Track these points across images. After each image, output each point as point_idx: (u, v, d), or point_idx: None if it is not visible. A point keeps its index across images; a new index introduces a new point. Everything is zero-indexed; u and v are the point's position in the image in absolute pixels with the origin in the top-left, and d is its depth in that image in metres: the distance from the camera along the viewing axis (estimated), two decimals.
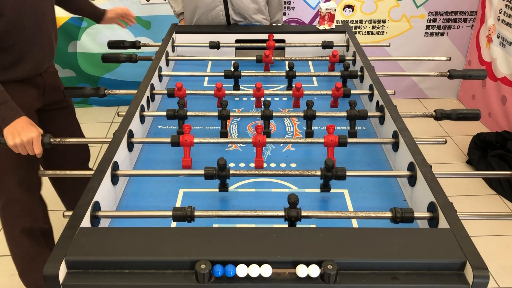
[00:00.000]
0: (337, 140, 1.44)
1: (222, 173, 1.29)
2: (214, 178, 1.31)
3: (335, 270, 0.94)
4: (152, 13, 3.65)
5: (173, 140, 1.45)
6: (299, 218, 1.14)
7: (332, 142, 1.45)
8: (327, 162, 1.28)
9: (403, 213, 1.15)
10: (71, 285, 0.95)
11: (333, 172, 1.29)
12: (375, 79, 1.80)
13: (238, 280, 0.95)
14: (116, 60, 2.18)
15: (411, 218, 1.15)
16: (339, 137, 1.45)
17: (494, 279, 2.32)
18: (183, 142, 1.45)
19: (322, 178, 1.32)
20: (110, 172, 1.28)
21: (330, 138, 1.44)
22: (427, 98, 4.11)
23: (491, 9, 3.54)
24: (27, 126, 1.50)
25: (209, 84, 2.08)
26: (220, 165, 1.25)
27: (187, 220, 1.15)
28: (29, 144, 1.49)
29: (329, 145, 1.46)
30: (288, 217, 1.14)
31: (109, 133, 3.56)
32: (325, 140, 1.45)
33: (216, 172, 1.30)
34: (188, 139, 1.44)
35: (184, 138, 1.44)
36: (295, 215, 1.14)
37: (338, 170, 1.30)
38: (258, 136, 1.43)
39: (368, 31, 3.82)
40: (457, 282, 0.96)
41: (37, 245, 1.97)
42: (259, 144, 1.44)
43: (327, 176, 1.30)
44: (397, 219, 1.15)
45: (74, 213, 1.10)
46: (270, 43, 2.20)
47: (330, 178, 1.31)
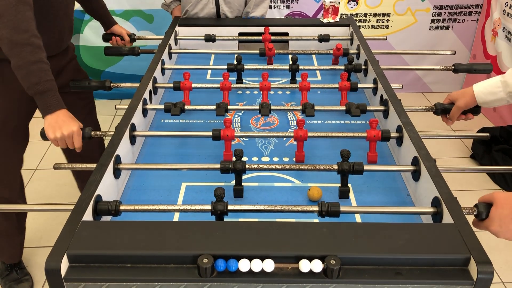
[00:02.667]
0: (380, 135, 1.44)
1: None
2: (229, 172, 1.30)
3: (338, 265, 0.93)
4: (155, 7, 3.63)
5: (215, 133, 1.44)
6: (225, 212, 1.13)
7: (375, 138, 1.44)
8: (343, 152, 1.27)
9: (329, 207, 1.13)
10: (73, 279, 0.95)
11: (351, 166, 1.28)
12: (379, 73, 1.79)
13: (240, 275, 0.95)
14: (118, 53, 2.18)
15: (336, 212, 1.13)
16: (382, 132, 1.44)
17: (498, 274, 2.31)
18: (224, 137, 1.44)
19: (339, 173, 1.30)
20: (112, 165, 1.28)
21: (373, 133, 1.44)
22: (432, 92, 4.08)
23: (497, 2, 3.51)
24: (68, 120, 1.48)
25: (212, 78, 2.06)
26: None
27: (112, 214, 1.15)
28: (70, 138, 1.48)
29: (371, 140, 1.45)
30: (214, 211, 1.13)
31: (111, 127, 3.56)
32: (368, 135, 1.44)
33: (232, 166, 1.28)
34: (230, 133, 1.44)
35: (226, 133, 1.44)
36: (222, 209, 1.13)
37: (355, 164, 1.28)
38: (300, 131, 1.43)
39: (372, 24, 3.79)
40: (461, 277, 0.95)
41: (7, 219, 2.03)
42: (301, 138, 1.44)
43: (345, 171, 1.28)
44: (323, 213, 1.14)
45: (76, 206, 1.10)
46: (266, 36, 2.18)
47: (348, 173, 1.29)
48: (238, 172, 1.29)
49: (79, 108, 2.06)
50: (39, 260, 2.38)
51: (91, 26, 3.64)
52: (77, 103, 2.04)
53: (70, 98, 2.01)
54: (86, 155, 1.88)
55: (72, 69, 2.01)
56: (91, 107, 2.14)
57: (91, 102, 2.14)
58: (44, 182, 2.91)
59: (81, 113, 2.07)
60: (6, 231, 2.08)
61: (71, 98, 2.01)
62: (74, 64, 2.02)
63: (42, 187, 2.88)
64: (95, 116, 2.19)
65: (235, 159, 1.29)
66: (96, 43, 3.69)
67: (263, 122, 1.72)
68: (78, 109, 2.06)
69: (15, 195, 2.00)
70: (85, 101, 2.08)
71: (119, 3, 3.60)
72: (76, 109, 2.05)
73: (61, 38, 1.85)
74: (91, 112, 2.15)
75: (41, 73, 1.45)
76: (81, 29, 3.66)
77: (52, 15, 1.76)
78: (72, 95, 2.00)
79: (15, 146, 1.90)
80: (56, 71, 1.91)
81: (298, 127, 1.43)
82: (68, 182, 2.76)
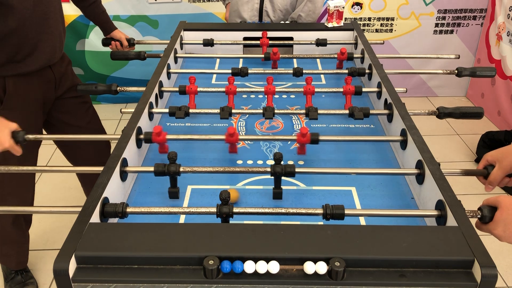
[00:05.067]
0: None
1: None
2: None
3: (343, 267, 0.94)
4: (160, 12, 3.66)
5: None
6: (231, 214, 1.14)
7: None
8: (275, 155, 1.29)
9: (333, 210, 1.14)
10: (81, 279, 0.96)
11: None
12: (384, 77, 1.80)
13: (246, 276, 0.96)
14: (124, 57, 2.20)
15: (341, 214, 1.14)
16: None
17: (502, 278, 2.31)
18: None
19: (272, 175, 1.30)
20: (119, 168, 1.29)
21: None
22: (436, 97, 4.08)
23: (501, 6, 3.51)
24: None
25: (217, 82, 2.08)
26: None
27: (119, 216, 1.16)
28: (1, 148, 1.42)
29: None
30: (220, 214, 1.14)
31: (117, 130, 3.59)
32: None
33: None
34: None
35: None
36: (227, 212, 1.13)
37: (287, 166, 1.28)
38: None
39: (376, 28, 3.80)
40: (465, 280, 0.95)
41: (17, 227, 2.06)
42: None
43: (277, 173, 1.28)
44: (328, 216, 1.14)
45: (83, 209, 1.11)
46: (264, 40, 2.19)
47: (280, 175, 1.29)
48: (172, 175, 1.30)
49: (82, 112, 2.08)
50: (44, 263, 2.40)
51: (96, 31, 3.67)
52: (80, 107, 2.06)
53: (72, 104, 2.03)
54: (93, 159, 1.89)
55: (71, 73, 2.03)
56: (92, 111, 2.16)
57: (92, 106, 2.17)
58: (49, 186, 2.94)
59: (85, 117, 2.09)
60: (16, 239, 2.10)
61: (74, 103, 2.03)
62: (70, 68, 2.05)
63: (47, 190, 2.90)
64: (98, 119, 2.21)
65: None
66: (102, 48, 3.69)
67: (268, 125, 1.74)
68: (82, 113, 2.08)
69: (27, 204, 2.02)
70: (86, 104, 2.11)
71: (124, 9, 3.62)
72: (80, 113, 2.07)
73: (61, 41, 1.89)
74: (94, 115, 2.18)
75: None
76: (86, 35, 3.68)
77: (51, 19, 1.79)
78: (73, 100, 2.01)
79: (29, 157, 1.91)
80: (59, 77, 1.92)
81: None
82: (73, 186, 2.79)
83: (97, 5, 2.16)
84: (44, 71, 1.86)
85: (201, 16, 3.70)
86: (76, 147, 2.08)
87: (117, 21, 3.63)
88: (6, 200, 1.94)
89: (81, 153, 2.10)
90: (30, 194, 2.05)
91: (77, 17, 3.56)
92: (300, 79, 1.99)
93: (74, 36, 3.65)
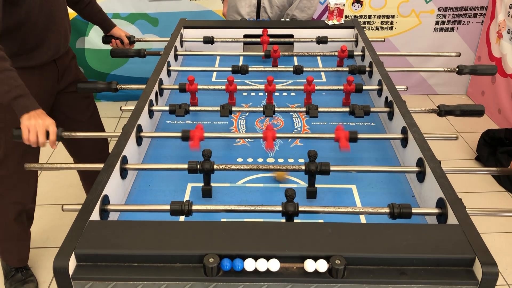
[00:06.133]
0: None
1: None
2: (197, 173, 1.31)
3: (343, 265, 0.94)
4: (160, 10, 3.65)
5: (184, 134, 1.45)
6: (296, 212, 1.13)
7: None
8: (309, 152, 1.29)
9: (400, 209, 1.14)
10: (81, 277, 0.96)
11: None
12: (384, 75, 1.79)
13: (246, 274, 0.95)
14: (124, 55, 2.19)
15: (408, 214, 1.14)
16: (350, 132, 1.44)
17: (503, 276, 2.30)
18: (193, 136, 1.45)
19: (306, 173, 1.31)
20: (119, 166, 1.29)
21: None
22: (436, 94, 4.08)
23: (502, 4, 3.50)
24: (44, 116, 1.51)
25: (217, 79, 2.08)
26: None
27: (185, 214, 1.15)
28: (42, 128, 1.49)
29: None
30: (285, 212, 1.14)
31: (117, 128, 3.58)
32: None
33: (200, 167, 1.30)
34: (199, 133, 1.45)
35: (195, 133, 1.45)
36: (293, 210, 1.13)
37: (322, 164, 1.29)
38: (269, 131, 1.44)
39: (377, 26, 3.79)
40: (466, 278, 0.95)
41: (20, 224, 2.06)
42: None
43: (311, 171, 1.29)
44: (395, 215, 1.14)
45: (83, 206, 1.11)
46: (265, 38, 2.19)
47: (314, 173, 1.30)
48: (207, 172, 1.30)
49: (83, 108, 2.08)
50: (45, 260, 2.39)
51: (96, 29, 3.65)
52: (81, 103, 2.06)
53: (73, 98, 2.04)
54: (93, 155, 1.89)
55: (75, 67, 2.04)
56: (94, 107, 2.16)
57: (93, 102, 2.16)
58: (50, 184, 2.93)
59: (85, 113, 2.09)
60: (18, 235, 2.10)
61: (75, 98, 2.04)
62: (74, 62, 2.05)
63: (48, 188, 2.90)
64: (99, 116, 2.20)
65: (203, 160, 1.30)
66: (102, 46, 3.71)
67: (268, 123, 1.73)
68: (83, 109, 2.08)
69: (29, 199, 2.03)
70: (87, 100, 2.11)
71: (124, 6, 3.62)
72: (81, 109, 2.07)
73: (66, 36, 1.89)
74: (95, 112, 2.17)
75: (10, 81, 1.48)
76: (86, 32, 3.67)
77: (57, 16, 1.79)
78: (74, 95, 2.02)
79: (32, 151, 1.90)
80: (63, 71, 1.94)
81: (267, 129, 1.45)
82: (73, 184, 2.78)
83: (93, 5, 2.15)
84: (48, 64, 1.87)
85: (201, 14, 3.70)
86: (78, 141, 2.09)
87: (116, 19, 3.63)
88: (8, 195, 1.95)
89: (81, 148, 2.11)
90: (33, 189, 2.05)
91: (77, 15, 3.54)
92: (301, 77, 1.99)
93: (74, 34, 3.64)
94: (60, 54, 1.89)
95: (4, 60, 1.51)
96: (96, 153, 2.11)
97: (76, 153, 2.16)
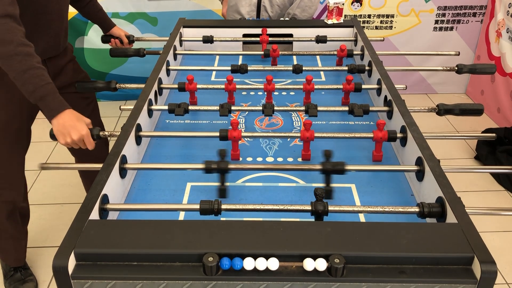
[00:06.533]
0: (386, 136, 1.45)
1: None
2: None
3: (342, 263, 0.94)
4: (159, 10, 3.65)
5: (222, 134, 1.46)
6: (326, 212, 1.14)
7: (381, 139, 1.46)
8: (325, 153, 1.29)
9: (430, 208, 1.14)
10: (80, 276, 0.96)
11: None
12: (383, 74, 1.79)
13: (245, 273, 0.96)
14: (124, 54, 2.19)
15: (439, 212, 1.14)
16: (389, 132, 1.45)
17: (502, 275, 2.31)
18: (231, 138, 1.46)
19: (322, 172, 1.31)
20: (118, 165, 1.29)
21: (380, 135, 1.45)
22: (436, 93, 4.08)
23: (501, 3, 3.51)
24: (74, 123, 1.48)
25: (216, 79, 2.08)
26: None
27: (215, 213, 1.15)
28: (80, 142, 1.49)
29: (378, 141, 1.47)
30: (315, 211, 1.14)
31: (116, 127, 3.58)
32: (375, 135, 1.45)
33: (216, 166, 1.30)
34: (236, 134, 1.45)
35: (233, 134, 1.45)
36: (322, 209, 1.13)
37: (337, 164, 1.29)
38: (306, 132, 1.45)
39: (376, 25, 3.79)
40: (464, 276, 0.95)
41: (14, 223, 2.05)
42: (307, 140, 1.46)
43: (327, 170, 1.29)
44: (425, 214, 1.14)
45: (83, 205, 1.11)
46: (264, 37, 2.19)
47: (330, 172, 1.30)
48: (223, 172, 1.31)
49: (81, 108, 2.06)
50: (44, 260, 2.40)
51: (95, 29, 3.66)
52: (79, 103, 2.04)
53: (71, 99, 2.01)
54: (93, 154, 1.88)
55: (72, 69, 2.01)
56: (93, 107, 2.15)
57: (94, 101, 2.14)
58: (49, 183, 2.93)
59: (83, 113, 2.07)
60: (12, 234, 2.10)
61: (73, 98, 2.01)
62: (73, 65, 2.03)
63: (47, 187, 2.90)
64: (99, 115, 2.19)
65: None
66: (101, 46, 3.70)
67: (268, 122, 1.73)
68: (81, 110, 2.05)
69: (20, 197, 2.02)
70: (87, 100, 2.09)
71: (124, 6, 3.62)
72: (78, 109, 2.04)
73: (57, 40, 1.86)
74: (94, 112, 2.15)
75: (35, 80, 1.43)
76: (85, 32, 3.67)
77: (47, 19, 1.76)
78: (73, 95, 2.00)
79: (18, 149, 1.91)
80: (55, 72, 1.91)
81: (305, 128, 1.44)
82: (73, 183, 2.79)
83: (94, 3, 2.15)
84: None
85: (201, 13, 3.70)
86: None
87: (116, 18, 3.63)
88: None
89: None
90: (22, 187, 2.02)
91: (76, 14, 3.55)
92: (300, 76, 1.99)
93: (73, 33, 3.64)
94: (50, 55, 1.85)
95: (32, 57, 1.45)
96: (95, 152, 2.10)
97: (76, 151, 2.15)
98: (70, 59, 2.00)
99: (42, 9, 1.74)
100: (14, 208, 2.02)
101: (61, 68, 1.94)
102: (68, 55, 1.99)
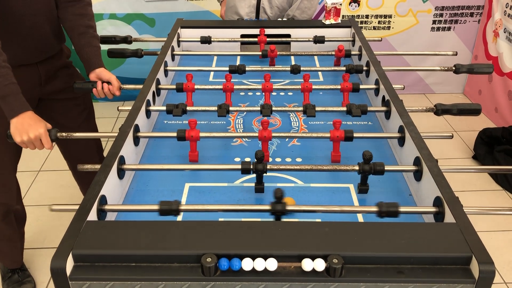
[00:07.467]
0: (343, 135, 1.44)
1: None
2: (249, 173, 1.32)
3: (341, 264, 0.94)
4: (157, 11, 3.65)
5: (179, 134, 1.46)
6: (284, 212, 1.14)
7: (338, 138, 1.45)
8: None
9: (388, 208, 1.14)
10: (78, 278, 0.96)
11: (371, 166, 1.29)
12: (381, 74, 1.80)
13: (243, 274, 0.96)
14: (121, 55, 2.19)
15: (395, 212, 1.14)
16: (345, 132, 1.45)
17: (500, 274, 2.31)
18: (189, 137, 1.45)
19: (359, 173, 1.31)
20: (116, 166, 1.29)
21: (336, 134, 1.44)
22: (433, 93, 4.09)
23: (498, 3, 3.52)
24: (34, 123, 1.48)
25: (214, 79, 2.08)
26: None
27: (174, 214, 1.15)
28: (37, 140, 1.49)
29: (335, 140, 1.46)
30: (274, 211, 1.14)
31: (114, 128, 3.58)
32: (331, 135, 1.45)
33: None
34: (194, 134, 1.45)
35: (190, 134, 1.45)
36: (281, 209, 1.13)
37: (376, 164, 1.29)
38: (264, 132, 1.44)
39: (374, 26, 3.80)
40: (463, 276, 0.96)
41: (9, 225, 2.04)
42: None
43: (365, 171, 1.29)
44: (382, 214, 1.14)
45: (81, 206, 1.11)
46: (262, 37, 2.19)
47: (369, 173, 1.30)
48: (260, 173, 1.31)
49: (75, 114, 2.02)
50: (42, 261, 2.39)
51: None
52: (73, 109, 2.00)
53: (64, 105, 1.96)
54: (85, 160, 1.86)
55: (66, 74, 1.94)
56: (88, 113, 2.07)
57: (88, 108, 2.07)
58: (47, 184, 2.93)
59: (77, 119, 2.02)
60: (8, 236, 2.09)
61: (66, 104, 1.96)
62: (68, 70, 1.96)
63: (45, 188, 2.90)
64: (93, 122, 2.13)
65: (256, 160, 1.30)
66: None
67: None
68: (74, 116, 2.02)
69: (13, 201, 2.00)
70: (81, 107, 2.03)
71: (121, 7, 3.61)
72: (72, 115, 2.01)
73: (45, 43, 1.80)
74: (89, 118, 2.09)
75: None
76: None
77: (29, 21, 1.70)
78: (66, 102, 1.95)
79: (10, 153, 1.88)
80: (48, 76, 1.87)
81: (263, 127, 1.44)
82: (71, 184, 2.78)
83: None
84: (28, 67, 1.79)
85: (198, 14, 3.70)
86: (69, 146, 2.06)
87: (113, 19, 3.63)
88: None
89: (73, 151, 2.07)
90: (14, 189, 2.00)
91: None
92: (298, 77, 1.99)
93: None
94: (38, 59, 1.81)
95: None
96: (88, 158, 2.06)
97: (68, 156, 2.13)
98: (65, 64, 1.95)
99: (25, 12, 1.68)
100: (8, 210, 2.01)
101: (54, 72, 1.90)
102: (62, 59, 1.94)
